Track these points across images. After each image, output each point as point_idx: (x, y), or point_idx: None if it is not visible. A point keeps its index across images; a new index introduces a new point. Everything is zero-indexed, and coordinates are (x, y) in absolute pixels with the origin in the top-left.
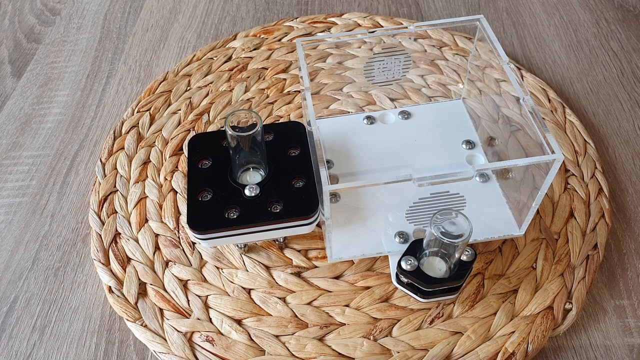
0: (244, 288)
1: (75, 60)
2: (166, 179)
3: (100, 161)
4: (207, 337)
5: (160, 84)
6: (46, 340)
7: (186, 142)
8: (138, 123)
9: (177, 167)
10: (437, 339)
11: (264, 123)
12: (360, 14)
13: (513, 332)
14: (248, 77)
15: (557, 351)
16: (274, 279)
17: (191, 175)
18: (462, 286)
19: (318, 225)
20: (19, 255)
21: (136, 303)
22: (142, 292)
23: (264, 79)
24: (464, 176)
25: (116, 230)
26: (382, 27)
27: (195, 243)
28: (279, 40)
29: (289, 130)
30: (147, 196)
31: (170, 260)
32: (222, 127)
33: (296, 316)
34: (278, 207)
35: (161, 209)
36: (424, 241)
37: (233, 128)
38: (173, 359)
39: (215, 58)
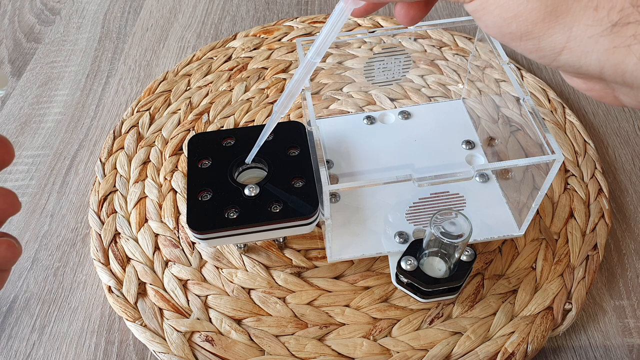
0: (243, 288)
1: (75, 60)
2: (166, 179)
3: (100, 161)
4: (206, 337)
5: (160, 84)
6: (45, 340)
7: (186, 141)
8: (138, 123)
9: (176, 166)
10: (437, 339)
11: (263, 123)
12: None
13: (513, 332)
14: (248, 77)
15: (556, 351)
16: (273, 279)
17: (191, 175)
18: (461, 286)
19: (318, 225)
20: None
21: (136, 303)
22: (141, 291)
23: (264, 79)
24: (464, 176)
25: (116, 230)
26: (382, 27)
27: (194, 243)
28: (279, 40)
29: (289, 130)
30: (147, 196)
31: (170, 260)
32: (222, 127)
33: (296, 316)
34: (278, 207)
35: (161, 209)
36: (424, 241)
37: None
38: (172, 358)
39: (215, 58)
